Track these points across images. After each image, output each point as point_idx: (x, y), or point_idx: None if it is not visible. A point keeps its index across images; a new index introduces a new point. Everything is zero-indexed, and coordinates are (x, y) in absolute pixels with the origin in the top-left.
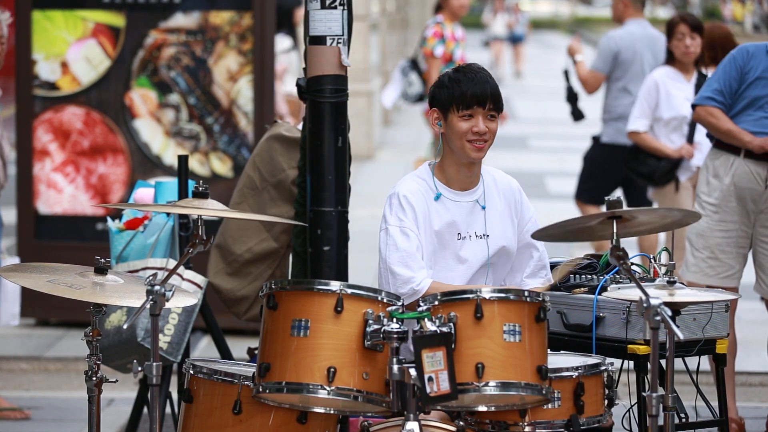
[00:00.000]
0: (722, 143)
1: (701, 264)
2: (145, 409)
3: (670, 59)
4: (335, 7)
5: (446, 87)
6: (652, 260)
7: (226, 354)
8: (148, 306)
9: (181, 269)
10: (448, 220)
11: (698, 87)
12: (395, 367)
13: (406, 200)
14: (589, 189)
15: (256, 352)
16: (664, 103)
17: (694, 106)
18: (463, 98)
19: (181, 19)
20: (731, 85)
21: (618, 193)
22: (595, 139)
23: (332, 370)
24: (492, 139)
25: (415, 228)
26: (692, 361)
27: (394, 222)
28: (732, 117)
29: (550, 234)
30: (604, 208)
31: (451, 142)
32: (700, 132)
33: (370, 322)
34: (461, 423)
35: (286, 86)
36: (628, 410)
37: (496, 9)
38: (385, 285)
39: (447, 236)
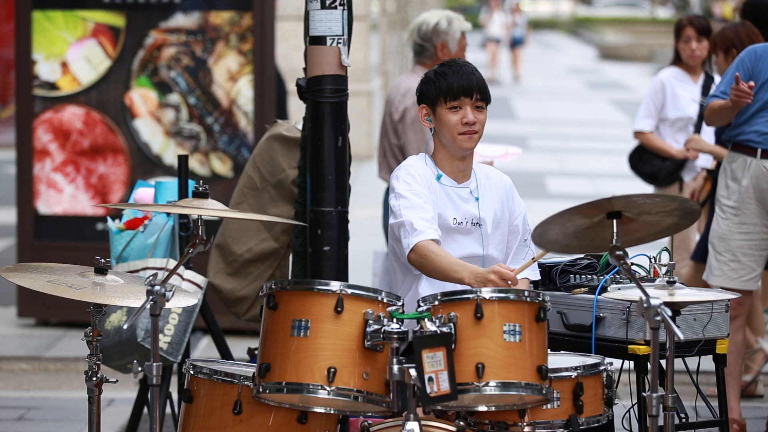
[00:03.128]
0: (739, 145)
1: (724, 267)
2: (145, 410)
3: (677, 60)
4: (335, 7)
5: (433, 81)
6: (652, 260)
7: (226, 354)
8: (148, 306)
9: (181, 269)
10: (446, 204)
11: (705, 88)
12: (395, 367)
13: (414, 170)
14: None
15: (256, 352)
16: (670, 104)
17: (702, 114)
18: (450, 90)
19: (181, 19)
20: None
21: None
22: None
23: (332, 370)
24: (482, 129)
25: (425, 191)
26: (692, 361)
27: (403, 187)
28: (746, 120)
29: (550, 241)
30: None
31: (442, 136)
32: (705, 133)
33: (370, 322)
34: (461, 423)
35: None
36: (628, 410)
37: (491, 9)
38: (394, 239)
39: (444, 219)
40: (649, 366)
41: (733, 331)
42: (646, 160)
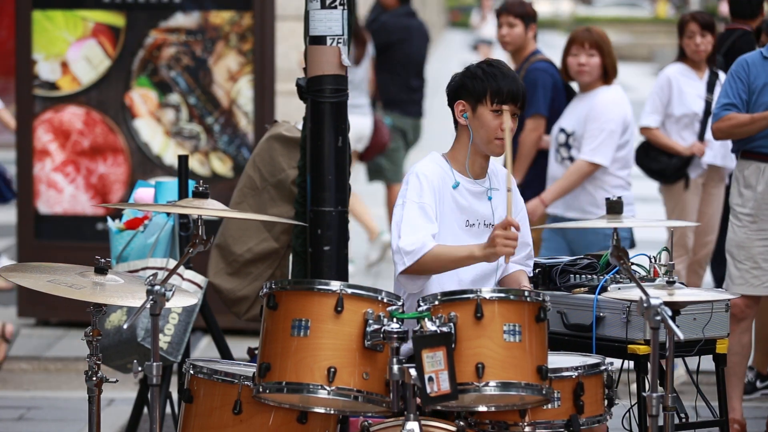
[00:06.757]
0: (750, 153)
1: (746, 275)
2: (145, 410)
3: (682, 56)
4: (335, 7)
5: (480, 79)
6: (652, 260)
7: (226, 354)
8: (148, 306)
9: (181, 269)
10: (460, 208)
11: (710, 84)
12: (395, 367)
13: (426, 179)
14: None
15: (256, 352)
16: (676, 100)
17: (713, 130)
18: (499, 92)
19: (181, 19)
20: (741, 96)
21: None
22: None
23: (332, 370)
24: (511, 136)
25: (433, 204)
26: (692, 361)
27: (413, 197)
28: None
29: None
30: None
31: (476, 135)
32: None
33: (370, 322)
34: (461, 423)
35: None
36: (628, 410)
37: (484, 10)
38: (394, 247)
39: (456, 224)
40: (649, 366)
41: (740, 333)
42: (653, 157)
